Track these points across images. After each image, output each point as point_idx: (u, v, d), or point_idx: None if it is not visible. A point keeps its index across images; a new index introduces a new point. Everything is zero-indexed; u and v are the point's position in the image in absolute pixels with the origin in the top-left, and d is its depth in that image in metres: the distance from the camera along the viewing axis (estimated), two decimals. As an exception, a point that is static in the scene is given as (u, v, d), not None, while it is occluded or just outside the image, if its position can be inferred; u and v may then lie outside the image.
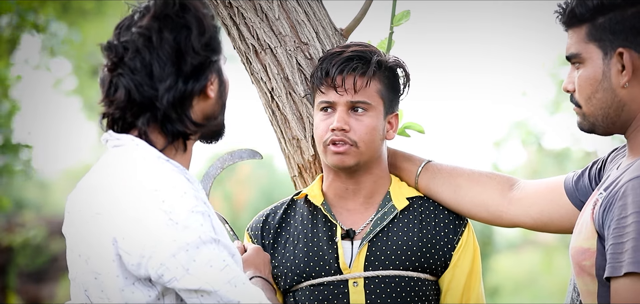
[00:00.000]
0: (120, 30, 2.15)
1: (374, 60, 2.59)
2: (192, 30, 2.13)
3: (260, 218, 2.74)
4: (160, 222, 2.02)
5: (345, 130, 2.57)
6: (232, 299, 2.02)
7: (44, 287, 12.37)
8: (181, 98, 2.13)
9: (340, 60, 2.58)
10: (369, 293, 2.59)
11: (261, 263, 2.52)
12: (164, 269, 2.02)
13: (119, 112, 2.14)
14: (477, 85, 17.75)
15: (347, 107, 2.58)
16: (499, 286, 12.91)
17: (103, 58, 2.17)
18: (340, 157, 2.58)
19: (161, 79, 2.11)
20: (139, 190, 2.06)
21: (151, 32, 2.11)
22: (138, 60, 2.11)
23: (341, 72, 2.57)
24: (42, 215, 13.17)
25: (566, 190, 2.48)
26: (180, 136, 2.16)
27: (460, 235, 2.66)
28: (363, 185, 2.66)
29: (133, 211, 2.04)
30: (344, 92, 2.57)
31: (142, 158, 2.11)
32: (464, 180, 2.66)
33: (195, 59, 2.13)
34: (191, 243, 2.01)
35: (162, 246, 2.01)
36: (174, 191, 2.05)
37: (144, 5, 2.16)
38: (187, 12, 2.14)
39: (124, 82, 2.11)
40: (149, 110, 2.12)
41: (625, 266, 2.00)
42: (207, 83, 2.16)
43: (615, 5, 2.17)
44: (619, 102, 2.20)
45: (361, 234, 2.64)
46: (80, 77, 11.69)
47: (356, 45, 2.63)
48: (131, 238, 2.04)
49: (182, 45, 2.12)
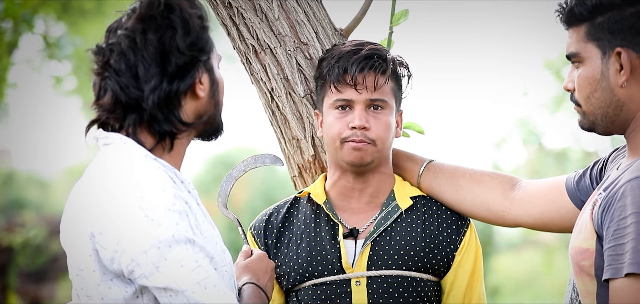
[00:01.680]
0: (110, 33, 2.17)
1: (389, 58, 2.60)
2: (177, 30, 2.13)
3: (263, 217, 2.74)
4: (136, 218, 2.02)
5: (366, 128, 2.57)
6: (198, 300, 2.01)
7: (44, 287, 12.37)
8: (167, 98, 2.13)
9: (360, 58, 2.57)
10: (372, 292, 2.59)
11: (262, 270, 2.49)
12: (134, 265, 2.02)
13: (106, 114, 2.15)
14: (477, 85, 17.75)
15: (365, 105, 2.58)
16: (499, 286, 12.91)
17: (94, 62, 2.18)
18: (360, 154, 2.57)
19: (146, 80, 2.11)
20: (119, 186, 2.06)
21: (135, 33, 2.12)
22: (123, 61, 2.12)
23: (362, 70, 2.56)
24: (42, 215, 13.17)
25: (567, 190, 2.48)
26: (167, 135, 2.16)
27: (462, 236, 2.66)
28: (370, 183, 2.66)
29: (111, 206, 2.05)
30: (364, 90, 2.57)
31: (128, 156, 2.12)
32: (466, 179, 2.66)
33: (180, 59, 2.13)
34: (163, 241, 2.01)
35: (135, 241, 2.01)
36: (154, 189, 2.05)
37: (131, 7, 2.17)
38: (172, 12, 2.14)
39: (111, 84, 2.13)
40: (135, 111, 2.13)
41: (626, 267, 2.00)
42: (194, 82, 2.16)
43: (614, 5, 2.17)
44: (618, 102, 2.20)
45: (364, 233, 2.64)
46: (80, 77, 11.68)
47: (368, 43, 2.63)
48: (107, 232, 2.04)
49: (167, 45, 2.12)
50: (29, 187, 15.12)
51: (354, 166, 2.61)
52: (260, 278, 2.47)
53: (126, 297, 2.07)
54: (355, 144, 2.57)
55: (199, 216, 2.15)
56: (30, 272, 12.25)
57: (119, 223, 2.03)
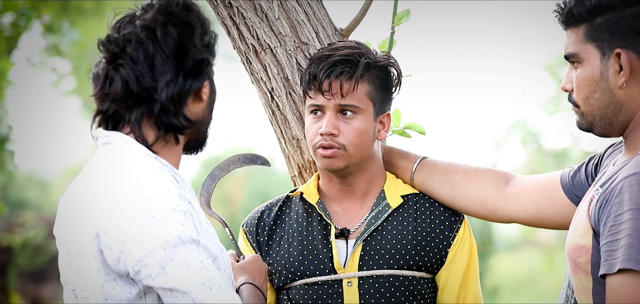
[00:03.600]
0: (121, 25, 2.17)
1: (361, 62, 2.57)
2: (196, 29, 2.15)
3: (255, 214, 2.74)
4: (142, 218, 2.02)
5: (333, 134, 2.57)
6: (203, 301, 2.02)
7: (44, 287, 12.36)
8: (180, 93, 2.15)
9: (327, 64, 2.57)
10: (363, 293, 2.59)
11: (257, 270, 2.51)
12: (141, 266, 2.03)
13: (113, 105, 2.15)
14: (476, 84, 17.74)
15: (335, 110, 2.58)
16: (498, 286, 12.91)
17: (100, 54, 2.18)
18: (330, 160, 2.59)
19: (162, 72, 2.13)
20: (123, 186, 2.07)
21: (156, 25, 2.13)
22: (141, 51, 2.13)
23: (328, 76, 2.56)
24: (42, 215, 13.15)
25: (562, 185, 2.48)
26: (172, 130, 2.17)
27: (456, 231, 2.65)
28: (356, 185, 2.66)
29: (116, 206, 2.05)
30: (331, 96, 2.57)
31: (129, 155, 2.12)
32: (460, 176, 2.66)
33: (198, 56, 2.15)
34: (170, 242, 2.02)
35: (141, 242, 2.02)
36: (158, 188, 2.05)
37: (147, 3, 2.18)
38: (190, 12, 2.16)
39: (124, 73, 2.13)
40: (145, 102, 2.14)
41: (619, 262, 2.00)
42: (203, 84, 2.18)
43: (613, 6, 2.17)
44: (617, 103, 2.20)
45: (356, 233, 2.64)
46: (79, 77, 11.66)
47: (346, 47, 2.61)
48: (113, 233, 2.04)
49: (186, 41, 2.14)
50: (29, 187, 15.12)
51: (328, 172, 2.63)
52: (257, 278, 2.49)
53: (130, 298, 2.08)
54: (324, 151, 2.58)
55: (201, 215, 2.16)
56: (30, 272, 12.24)
57: (124, 223, 2.04)
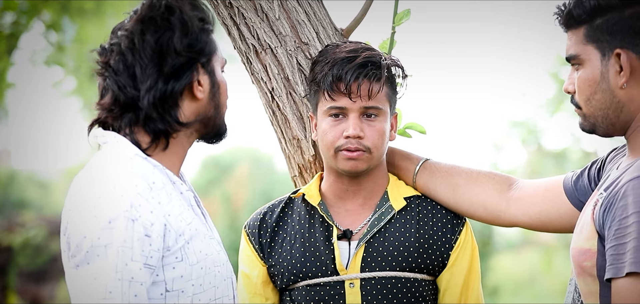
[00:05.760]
0: (113, 34, 2.20)
1: (384, 64, 2.57)
2: (175, 32, 2.16)
3: (257, 215, 2.74)
4: (86, 215, 2.03)
5: (360, 137, 2.56)
6: None
7: (44, 287, 12.36)
8: (162, 98, 2.16)
9: (354, 66, 2.54)
10: (366, 294, 2.58)
11: None
12: (76, 250, 2.04)
13: (105, 113, 2.18)
14: (476, 84, 17.74)
15: (359, 112, 2.56)
16: (499, 286, 12.90)
17: (97, 62, 2.21)
18: (355, 163, 2.57)
19: (142, 80, 2.15)
20: (90, 185, 2.08)
21: (134, 34, 2.15)
22: (121, 61, 2.15)
23: (356, 78, 2.53)
24: (42, 215, 13.16)
25: (565, 189, 2.48)
26: (162, 134, 2.18)
27: (458, 234, 2.65)
28: (364, 186, 2.65)
29: (77, 202, 2.07)
30: (358, 99, 2.55)
31: (114, 156, 2.14)
32: (463, 179, 2.66)
33: (176, 60, 2.16)
34: (93, 247, 2.02)
35: (78, 232, 2.03)
36: (113, 193, 2.05)
37: (134, 9, 2.20)
38: (172, 14, 2.17)
39: (110, 84, 2.16)
40: (131, 110, 2.16)
41: (627, 266, 2.01)
42: (191, 83, 2.18)
43: (613, 7, 2.18)
44: (618, 103, 2.21)
45: (358, 234, 2.64)
46: (79, 77, 11.67)
47: (365, 49, 2.60)
48: (71, 229, 2.06)
49: (164, 46, 2.15)
50: (29, 187, 15.12)
51: (350, 174, 2.62)
52: None
53: None
54: (350, 153, 2.56)
55: (153, 227, 2.08)
56: (30, 272, 12.24)
57: (76, 220, 2.05)
